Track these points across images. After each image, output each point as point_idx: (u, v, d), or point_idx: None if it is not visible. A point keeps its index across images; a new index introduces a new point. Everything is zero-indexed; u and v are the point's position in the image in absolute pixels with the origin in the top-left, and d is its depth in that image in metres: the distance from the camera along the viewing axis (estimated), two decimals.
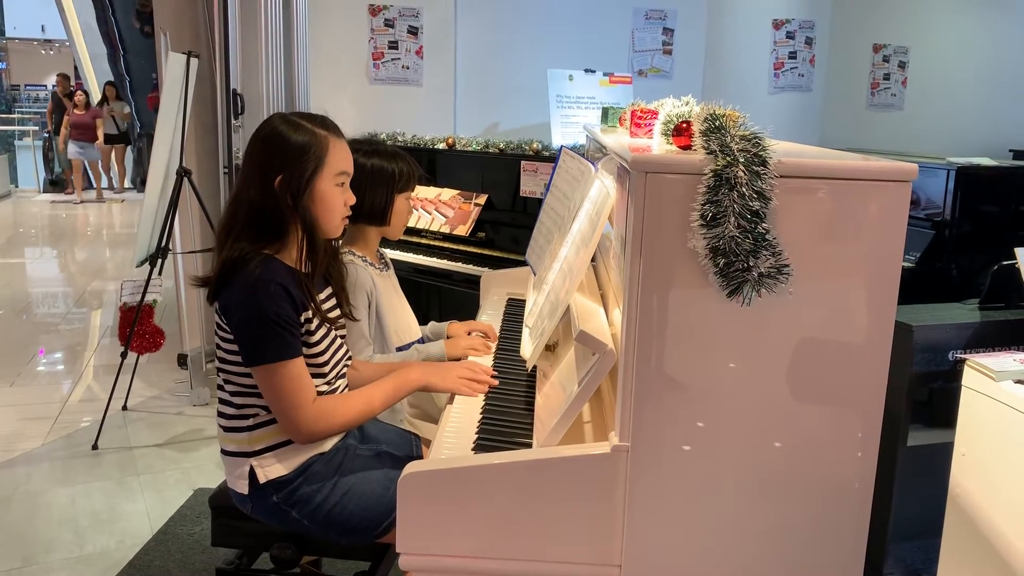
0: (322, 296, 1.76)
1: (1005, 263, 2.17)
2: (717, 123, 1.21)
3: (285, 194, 1.64)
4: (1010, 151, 5.01)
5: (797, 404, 1.30)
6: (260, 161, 1.67)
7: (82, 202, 11.25)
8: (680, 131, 1.29)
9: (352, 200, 1.77)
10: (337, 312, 1.82)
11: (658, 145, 1.44)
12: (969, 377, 1.93)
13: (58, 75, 13.01)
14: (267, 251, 1.66)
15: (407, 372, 1.79)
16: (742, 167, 1.16)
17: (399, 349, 2.15)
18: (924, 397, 2.35)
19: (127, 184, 12.58)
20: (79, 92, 11.70)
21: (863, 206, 1.24)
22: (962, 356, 2.00)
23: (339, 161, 1.70)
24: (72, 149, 11.35)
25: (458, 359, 2.00)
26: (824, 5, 5.37)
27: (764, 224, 1.18)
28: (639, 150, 1.32)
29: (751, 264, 1.18)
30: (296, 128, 1.67)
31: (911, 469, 2.17)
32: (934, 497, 2.05)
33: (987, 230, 3.24)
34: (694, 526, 1.33)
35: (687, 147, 1.28)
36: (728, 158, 1.17)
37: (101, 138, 11.52)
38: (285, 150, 1.65)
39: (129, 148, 12.26)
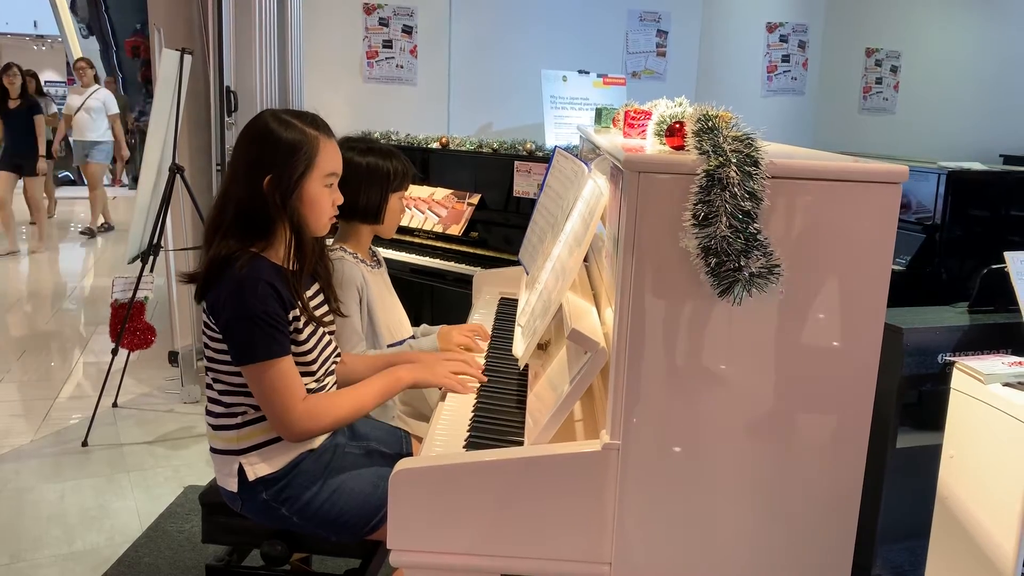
0: (310, 293, 1.76)
1: (994, 267, 2.18)
2: (710, 124, 1.22)
3: (273, 193, 1.63)
4: (1000, 156, 5.05)
5: (786, 404, 1.31)
6: (249, 159, 1.66)
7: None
8: (673, 131, 1.30)
9: (340, 200, 1.76)
10: (325, 309, 1.82)
11: (651, 145, 1.45)
12: (958, 380, 1.94)
13: None
14: (254, 249, 1.65)
15: (397, 371, 1.79)
16: (734, 167, 1.17)
17: (391, 346, 2.14)
18: (913, 399, 2.36)
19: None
20: None
21: (853, 207, 1.25)
22: (951, 359, 2.01)
23: (329, 162, 1.69)
24: None
25: None
26: (817, 8, 5.40)
27: (755, 224, 1.19)
28: (632, 150, 1.32)
29: (742, 264, 1.19)
30: (287, 127, 1.66)
31: (900, 471, 2.18)
32: (922, 499, 2.06)
33: (977, 234, 3.27)
34: (684, 524, 1.34)
35: (680, 147, 1.29)
36: (720, 158, 1.18)
37: None
38: (275, 149, 1.64)
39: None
